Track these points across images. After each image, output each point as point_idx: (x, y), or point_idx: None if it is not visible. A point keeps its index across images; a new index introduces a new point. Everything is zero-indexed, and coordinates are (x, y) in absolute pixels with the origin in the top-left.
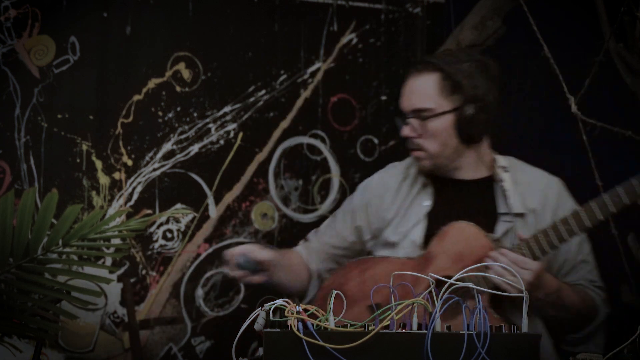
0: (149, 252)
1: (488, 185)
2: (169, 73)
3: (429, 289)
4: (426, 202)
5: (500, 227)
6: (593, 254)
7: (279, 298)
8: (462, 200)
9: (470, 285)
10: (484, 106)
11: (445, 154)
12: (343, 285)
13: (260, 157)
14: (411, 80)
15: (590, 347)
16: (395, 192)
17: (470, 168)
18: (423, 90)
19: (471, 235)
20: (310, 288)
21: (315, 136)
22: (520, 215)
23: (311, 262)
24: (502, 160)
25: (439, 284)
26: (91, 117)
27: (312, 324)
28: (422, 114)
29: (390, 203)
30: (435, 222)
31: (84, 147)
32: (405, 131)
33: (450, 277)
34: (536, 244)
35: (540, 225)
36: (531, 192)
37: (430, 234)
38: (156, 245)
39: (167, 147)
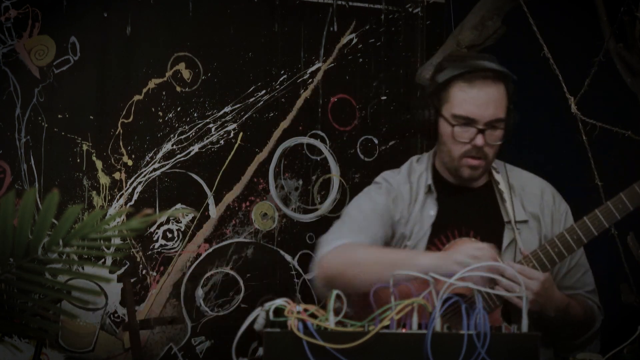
0: (149, 252)
1: (489, 192)
2: (169, 73)
3: (428, 289)
4: (432, 211)
5: (507, 236)
6: (585, 256)
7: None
8: (466, 208)
9: (471, 285)
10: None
11: (493, 160)
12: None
13: (260, 157)
14: (484, 89)
15: (586, 353)
16: (408, 199)
17: None
18: (499, 100)
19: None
20: None
21: (315, 136)
22: (524, 222)
23: None
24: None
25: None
26: (91, 117)
27: (312, 324)
28: (497, 124)
29: (402, 209)
30: (440, 231)
31: (84, 147)
32: (479, 141)
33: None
34: (543, 255)
35: (542, 230)
36: (527, 196)
37: (431, 243)
38: (156, 245)
39: (167, 147)
